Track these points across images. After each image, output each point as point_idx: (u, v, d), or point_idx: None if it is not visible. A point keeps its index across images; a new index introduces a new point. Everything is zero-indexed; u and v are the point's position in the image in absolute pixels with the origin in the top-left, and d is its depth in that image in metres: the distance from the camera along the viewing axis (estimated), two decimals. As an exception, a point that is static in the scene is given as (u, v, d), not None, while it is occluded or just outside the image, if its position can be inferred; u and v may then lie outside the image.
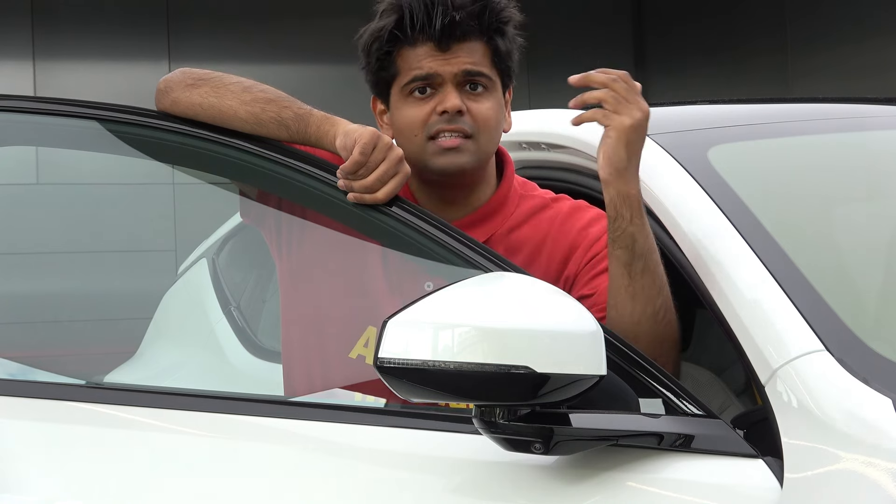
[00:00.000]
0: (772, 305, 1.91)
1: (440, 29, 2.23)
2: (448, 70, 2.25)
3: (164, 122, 2.33)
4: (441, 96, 2.25)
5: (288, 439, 2.11)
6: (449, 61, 2.25)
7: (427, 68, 2.25)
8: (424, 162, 2.26)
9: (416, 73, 2.25)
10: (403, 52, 2.27)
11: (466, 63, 2.25)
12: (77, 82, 9.75)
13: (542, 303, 1.79)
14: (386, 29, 2.26)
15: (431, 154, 2.25)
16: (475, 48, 2.26)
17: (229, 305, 3.30)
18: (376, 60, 2.29)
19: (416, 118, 2.26)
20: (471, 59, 2.26)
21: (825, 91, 9.00)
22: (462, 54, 2.25)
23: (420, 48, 2.25)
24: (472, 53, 2.26)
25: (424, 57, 2.25)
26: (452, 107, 2.23)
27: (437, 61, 2.25)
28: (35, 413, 2.26)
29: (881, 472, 1.67)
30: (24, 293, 3.99)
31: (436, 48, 2.25)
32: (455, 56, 2.25)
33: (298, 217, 2.33)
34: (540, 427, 1.80)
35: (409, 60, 2.26)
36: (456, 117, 2.24)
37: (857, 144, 2.52)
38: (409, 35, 2.25)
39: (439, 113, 2.24)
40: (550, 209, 2.32)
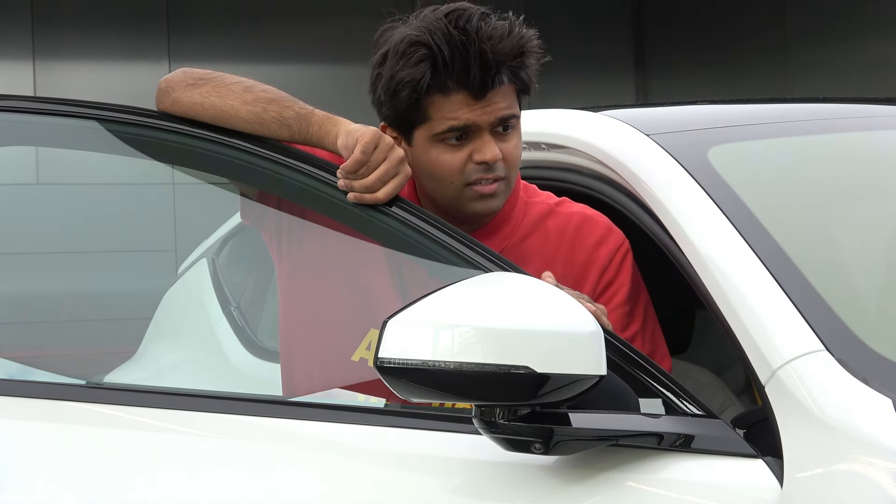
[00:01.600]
0: (772, 305, 1.91)
1: (480, 80, 2.18)
2: (485, 119, 2.20)
3: (164, 122, 2.33)
4: (477, 144, 2.21)
5: (288, 439, 2.11)
6: (485, 110, 2.20)
7: (465, 120, 2.20)
8: (459, 206, 2.24)
9: (453, 125, 2.20)
10: (435, 99, 2.20)
11: (503, 110, 2.21)
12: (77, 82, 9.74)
13: (542, 303, 1.79)
14: (424, 81, 2.18)
15: (469, 199, 2.23)
16: (507, 91, 2.23)
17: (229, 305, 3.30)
18: (405, 105, 2.22)
19: (452, 166, 2.22)
20: (505, 104, 2.22)
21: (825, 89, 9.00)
22: (497, 99, 2.21)
23: (454, 96, 2.20)
24: (506, 97, 2.22)
25: (460, 107, 2.20)
26: (493, 158, 2.20)
27: (475, 112, 2.20)
28: (35, 413, 2.26)
29: (881, 472, 1.67)
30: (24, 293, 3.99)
31: (471, 97, 2.19)
32: (491, 103, 2.20)
33: (298, 217, 2.33)
34: (540, 427, 1.80)
35: (442, 109, 2.20)
36: (493, 165, 2.21)
37: (858, 144, 2.52)
38: (443, 83, 2.19)
39: (476, 162, 2.21)
40: (556, 216, 2.32)
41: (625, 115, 2.48)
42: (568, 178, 2.45)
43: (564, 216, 2.32)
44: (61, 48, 9.91)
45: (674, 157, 2.22)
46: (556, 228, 2.30)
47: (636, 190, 2.22)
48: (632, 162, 2.26)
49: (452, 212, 2.27)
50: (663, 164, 2.21)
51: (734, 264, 1.99)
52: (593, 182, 2.37)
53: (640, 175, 2.22)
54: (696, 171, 2.17)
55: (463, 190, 2.23)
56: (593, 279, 2.26)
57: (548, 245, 2.29)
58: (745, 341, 1.90)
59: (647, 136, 2.29)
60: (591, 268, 2.26)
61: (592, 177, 2.37)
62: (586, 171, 2.40)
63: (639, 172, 2.23)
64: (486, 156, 2.21)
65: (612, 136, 2.36)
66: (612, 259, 2.27)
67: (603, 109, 2.54)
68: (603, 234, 2.28)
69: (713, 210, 2.09)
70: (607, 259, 2.26)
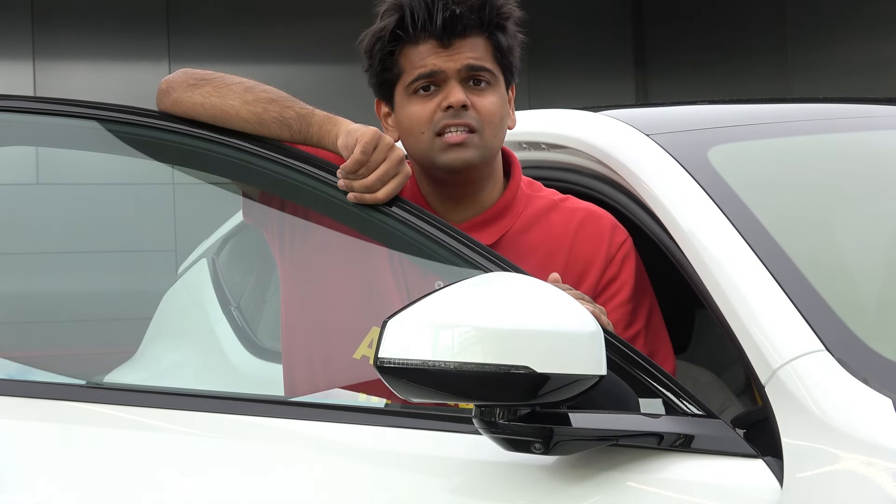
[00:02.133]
0: (772, 305, 1.91)
1: (441, 25, 2.24)
2: (451, 66, 2.25)
3: (164, 122, 2.33)
4: (445, 92, 2.25)
5: (288, 439, 2.11)
6: (452, 57, 2.25)
7: (431, 65, 2.25)
8: (432, 159, 2.26)
9: (420, 72, 2.25)
10: (406, 51, 2.27)
11: (469, 58, 2.26)
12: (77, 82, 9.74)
13: (542, 303, 1.79)
14: (388, 29, 2.26)
15: (438, 150, 2.25)
16: (477, 44, 2.27)
17: (229, 305, 3.30)
18: (379, 61, 2.29)
19: (421, 115, 2.26)
20: (473, 55, 2.26)
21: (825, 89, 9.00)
22: (464, 49, 2.26)
23: (422, 46, 2.26)
24: (475, 49, 2.27)
25: (427, 54, 2.25)
26: (457, 101, 2.24)
27: (441, 58, 2.25)
28: (35, 413, 2.26)
29: (881, 472, 1.67)
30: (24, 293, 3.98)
31: (438, 45, 2.25)
32: (457, 52, 2.25)
33: (299, 218, 2.33)
34: (540, 427, 1.80)
35: (412, 59, 2.26)
36: (461, 112, 2.24)
37: (858, 144, 2.52)
38: (411, 33, 2.25)
39: (444, 108, 2.24)
40: (560, 211, 2.32)
41: (625, 115, 2.48)
42: (568, 178, 2.45)
43: (568, 211, 2.32)
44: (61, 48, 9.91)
45: (674, 157, 2.22)
46: (559, 223, 2.30)
47: (636, 190, 2.22)
48: (632, 162, 2.26)
49: (432, 171, 2.29)
50: (663, 164, 2.21)
51: (734, 264, 1.99)
52: (593, 182, 2.37)
53: (640, 175, 2.22)
54: (696, 171, 2.17)
55: (434, 141, 2.25)
56: (595, 276, 2.26)
57: (550, 239, 2.29)
58: (745, 341, 1.90)
59: (647, 136, 2.29)
60: (594, 265, 2.26)
61: (592, 177, 2.37)
62: (586, 171, 2.40)
63: (639, 172, 2.23)
64: (450, 99, 2.24)
65: (612, 136, 2.36)
66: (615, 257, 2.27)
67: (603, 109, 2.54)
68: (606, 231, 2.29)
69: (713, 210, 2.09)
70: (610, 257, 2.26)
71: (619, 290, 2.26)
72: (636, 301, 2.27)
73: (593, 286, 2.25)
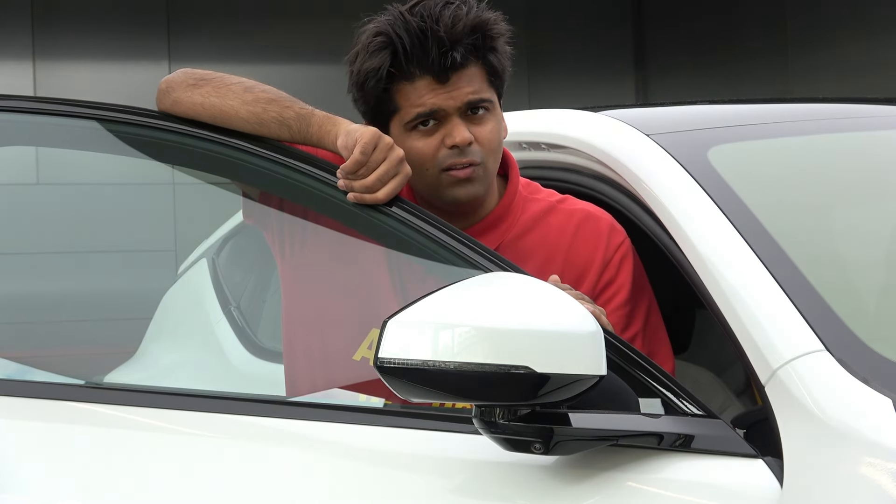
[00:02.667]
0: (772, 305, 1.91)
1: (439, 61, 2.20)
2: (451, 104, 2.22)
3: (164, 122, 2.33)
4: (447, 129, 2.23)
5: (288, 439, 2.11)
6: (451, 94, 2.22)
7: (430, 105, 2.22)
8: (438, 194, 2.25)
9: (420, 111, 2.22)
10: (401, 88, 2.23)
11: (469, 94, 2.23)
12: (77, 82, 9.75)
13: (542, 303, 1.79)
14: (384, 68, 2.22)
15: (446, 186, 2.24)
16: (473, 74, 2.24)
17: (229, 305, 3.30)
18: (374, 98, 2.25)
19: (424, 153, 2.23)
20: (471, 88, 2.23)
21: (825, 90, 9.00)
22: (462, 84, 2.23)
23: (419, 82, 2.22)
24: (472, 81, 2.24)
25: (425, 92, 2.22)
26: (462, 141, 2.21)
27: (440, 96, 2.22)
28: (35, 413, 2.26)
29: (881, 472, 1.67)
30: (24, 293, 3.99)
31: (435, 81, 2.22)
32: (455, 87, 2.22)
33: (300, 218, 2.33)
34: (540, 427, 1.80)
35: (409, 97, 2.23)
36: (466, 149, 2.22)
37: (857, 144, 2.52)
38: (406, 71, 2.22)
39: (448, 147, 2.23)
40: (558, 213, 2.32)
41: (625, 115, 2.48)
42: (568, 178, 2.45)
43: (566, 213, 2.32)
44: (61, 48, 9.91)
45: (674, 157, 2.22)
46: (557, 225, 2.30)
47: (636, 190, 2.22)
48: (632, 162, 2.26)
49: (437, 202, 2.27)
50: (663, 164, 2.21)
51: (734, 264, 1.99)
52: (593, 182, 2.37)
53: (640, 175, 2.22)
54: (696, 171, 2.17)
55: (439, 176, 2.24)
56: (592, 279, 2.26)
57: (548, 242, 2.29)
58: (745, 341, 1.90)
59: (647, 136, 2.29)
60: (591, 267, 2.26)
61: (592, 177, 2.37)
62: (586, 171, 2.40)
63: (639, 172, 2.23)
64: (455, 139, 2.22)
65: (612, 136, 2.36)
66: (612, 259, 2.27)
67: (603, 109, 2.54)
68: (604, 233, 2.28)
69: (713, 210, 2.09)
70: (607, 259, 2.26)
71: (617, 293, 2.26)
72: (634, 303, 2.26)
73: (591, 289, 2.25)
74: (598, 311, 2.02)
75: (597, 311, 2.00)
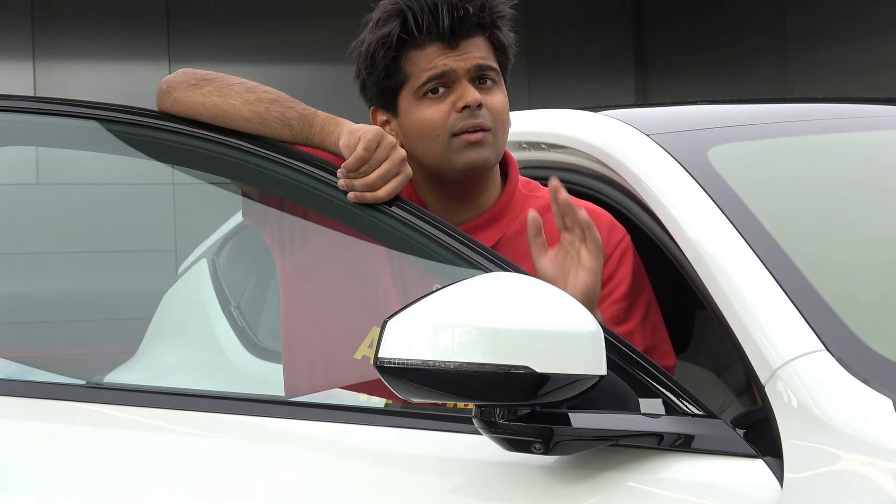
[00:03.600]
0: (772, 305, 1.91)
1: (449, 26, 2.24)
2: (461, 66, 2.26)
3: (164, 122, 2.33)
4: (458, 92, 2.26)
5: (288, 439, 2.11)
6: (461, 57, 2.26)
7: (441, 66, 2.25)
8: (449, 160, 2.26)
9: (431, 73, 2.25)
10: (411, 55, 2.27)
11: (478, 58, 2.27)
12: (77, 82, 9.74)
13: (542, 303, 1.79)
14: (393, 34, 2.25)
15: (457, 150, 2.25)
16: (480, 44, 2.28)
17: (229, 305, 3.30)
18: (383, 68, 2.28)
19: (435, 118, 2.26)
20: (480, 54, 2.27)
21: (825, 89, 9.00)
22: (471, 49, 2.27)
23: (428, 49, 2.26)
24: (480, 48, 2.28)
25: (435, 56, 2.26)
26: (474, 100, 2.24)
27: (450, 58, 2.25)
28: (35, 413, 2.26)
29: (881, 472, 1.67)
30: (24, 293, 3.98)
31: (445, 46, 2.26)
32: (465, 52, 2.26)
33: (299, 218, 2.33)
34: (540, 427, 1.80)
35: (418, 63, 2.26)
36: (477, 111, 2.24)
37: (857, 144, 2.52)
38: (417, 37, 2.25)
39: (459, 109, 2.25)
40: None
41: (625, 115, 2.48)
42: (568, 178, 2.45)
43: None
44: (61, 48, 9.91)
45: (674, 157, 2.22)
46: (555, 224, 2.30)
47: (636, 190, 2.22)
48: (632, 162, 2.26)
49: (446, 174, 2.28)
50: (663, 164, 2.21)
51: (734, 264, 1.99)
52: (593, 182, 2.37)
53: (640, 175, 2.22)
54: (696, 171, 2.17)
55: (450, 142, 2.25)
56: None
57: (546, 238, 2.29)
58: (745, 341, 1.90)
59: (647, 136, 2.30)
60: None
61: (592, 177, 2.37)
62: (586, 171, 2.40)
63: (639, 172, 2.23)
64: (466, 99, 2.24)
65: (612, 136, 2.37)
66: (612, 254, 2.27)
67: (603, 109, 2.54)
68: (603, 229, 2.28)
69: (713, 210, 2.09)
70: (607, 254, 2.26)
71: (616, 287, 2.26)
72: (632, 298, 2.27)
73: None
74: None
75: None
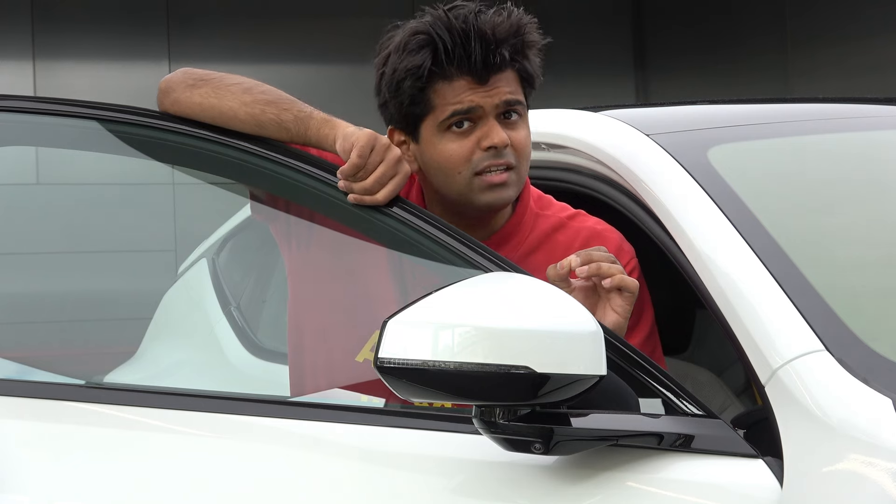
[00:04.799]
0: (772, 305, 1.91)
1: (481, 62, 2.19)
2: (489, 102, 2.21)
3: (164, 122, 2.33)
4: (484, 130, 2.21)
5: (288, 439, 2.11)
6: (489, 93, 2.21)
7: (468, 102, 2.21)
8: (468, 198, 2.23)
9: (457, 108, 2.21)
10: (438, 86, 2.22)
11: (507, 93, 2.22)
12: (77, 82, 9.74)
13: (542, 303, 1.79)
14: (425, 66, 2.20)
15: (479, 190, 2.22)
16: (510, 77, 2.24)
17: (229, 305, 3.30)
18: (409, 97, 2.23)
19: (458, 155, 2.22)
20: (509, 89, 2.23)
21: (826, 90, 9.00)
22: (500, 84, 2.22)
23: (457, 82, 2.21)
24: (509, 83, 2.23)
25: (462, 91, 2.21)
26: (501, 141, 2.20)
27: (478, 94, 2.20)
28: (35, 413, 2.26)
29: (881, 472, 1.67)
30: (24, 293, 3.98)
31: (474, 81, 2.20)
32: (494, 87, 2.21)
33: (303, 219, 2.33)
34: (540, 427, 1.80)
35: (445, 95, 2.21)
36: (502, 151, 2.21)
37: (857, 144, 2.52)
38: (446, 69, 2.20)
39: (484, 148, 2.21)
40: (566, 231, 2.31)
41: (625, 115, 2.48)
42: (568, 178, 2.45)
43: (574, 230, 2.31)
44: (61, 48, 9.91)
45: (674, 157, 2.22)
46: (564, 243, 2.29)
47: (636, 190, 2.22)
48: (632, 162, 2.26)
49: (464, 209, 2.26)
50: (663, 164, 2.21)
51: (734, 264, 1.99)
52: (593, 182, 2.37)
53: (640, 175, 2.22)
54: (696, 171, 2.17)
55: (472, 180, 2.22)
56: None
57: (554, 259, 2.28)
58: (745, 341, 1.90)
59: (647, 136, 2.29)
60: None
61: (592, 177, 2.37)
62: (586, 171, 2.40)
63: (639, 172, 2.23)
64: (493, 140, 2.20)
65: (612, 136, 2.36)
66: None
67: (603, 109, 2.54)
68: (612, 249, 2.27)
69: (713, 210, 2.09)
70: None
71: None
72: (637, 316, 2.26)
73: None
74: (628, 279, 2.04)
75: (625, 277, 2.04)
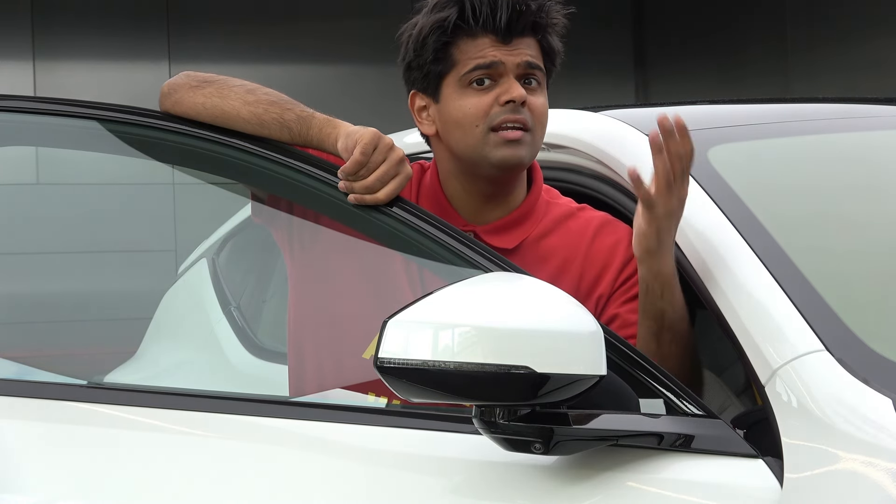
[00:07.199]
0: (772, 305, 1.91)
1: (506, 22, 2.24)
2: (511, 60, 2.25)
3: (164, 122, 2.33)
4: (504, 87, 2.24)
5: (288, 439, 2.11)
6: (511, 52, 2.25)
7: (491, 57, 2.24)
8: (483, 154, 2.25)
9: (479, 62, 2.24)
10: (462, 43, 2.26)
11: (528, 55, 2.26)
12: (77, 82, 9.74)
13: (542, 303, 1.79)
14: (450, 20, 2.24)
15: (493, 145, 2.24)
16: (532, 44, 2.27)
17: (229, 305, 3.31)
18: (432, 52, 2.27)
19: (477, 108, 2.24)
20: (531, 52, 2.27)
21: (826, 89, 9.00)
22: (522, 47, 2.26)
23: (480, 39, 2.25)
24: (531, 48, 2.27)
25: (486, 47, 2.25)
26: (519, 96, 2.23)
27: (501, 51, 2.24)
28: (35, 413, 2.26)
29: (881, 472, 1.67)
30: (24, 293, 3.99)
31: (497, 40, 2.25)
32: (516, 48, 2.25)
33: (305, 219, 2.33)
34: (540, 427, 1.80)
35: (468, 51, 2.25)
36: (519, 108, 2.23)
37: (857, 144, 2.52)
38: (472, 26, 2.24)
39: (502, 103, 2.23)
40: (577, 219, 2.32)
41: (625, 115, 2.48)
42: (568, 178, 2.45)
43: (585, 219, 2.32)
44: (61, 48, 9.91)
45: (674, 157, 2.21)
46: (576, 229, 2.30)
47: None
48: (632, 162, 2.25)
49: (478, 170, 2.27)
50: (663, 164, 2.21)
51: (734, 264, 1.99)
52: (593, 182, 2.37)
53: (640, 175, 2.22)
54: (696, 171, 2.17)
55: (488, 135, 2.24)
56: (613, 273, 2.26)
57: (567, 245, 2.29)
58: (745, 341, 1.90)
59: (647, 136, 2.29)
60: (612, 263, 2.26)
61: (592, 177, 2.37)
62: (586, 171, 2.40)
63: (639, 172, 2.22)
64: (512, 93, 2.23)
65: (612, 136, 2.36)
66: (632, 259, 2.25)
67: (603, 109, 2.54)
68: (623, 236, 2.28)
69: (713, 210, 2.09)
70: (629, 256, 2.25)
71: (636, 285, 2.25)
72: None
73: (611, 283, 2.25)
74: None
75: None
